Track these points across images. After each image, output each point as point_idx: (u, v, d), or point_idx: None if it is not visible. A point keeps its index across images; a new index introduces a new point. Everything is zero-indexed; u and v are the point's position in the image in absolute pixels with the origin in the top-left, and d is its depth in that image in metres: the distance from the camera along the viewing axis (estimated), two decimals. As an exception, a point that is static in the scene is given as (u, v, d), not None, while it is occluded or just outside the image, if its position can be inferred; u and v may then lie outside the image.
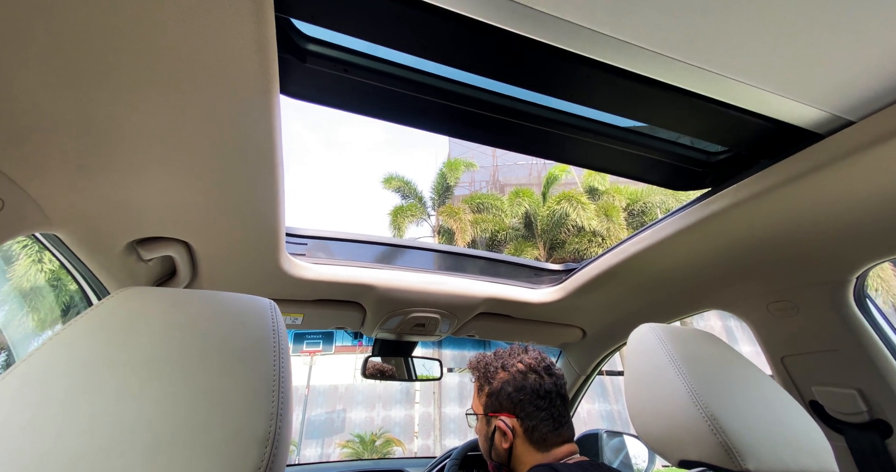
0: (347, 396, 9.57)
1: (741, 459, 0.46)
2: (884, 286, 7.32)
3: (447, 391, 9.46)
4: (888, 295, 7.35)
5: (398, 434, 8.99)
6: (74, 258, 0.67)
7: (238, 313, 0.39)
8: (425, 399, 9.66)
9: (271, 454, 0.30)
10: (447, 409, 9.21)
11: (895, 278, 7.51)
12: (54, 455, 0.26)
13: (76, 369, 0.30)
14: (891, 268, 7.59)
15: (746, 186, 0.63)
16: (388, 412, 9.41)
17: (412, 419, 9.42)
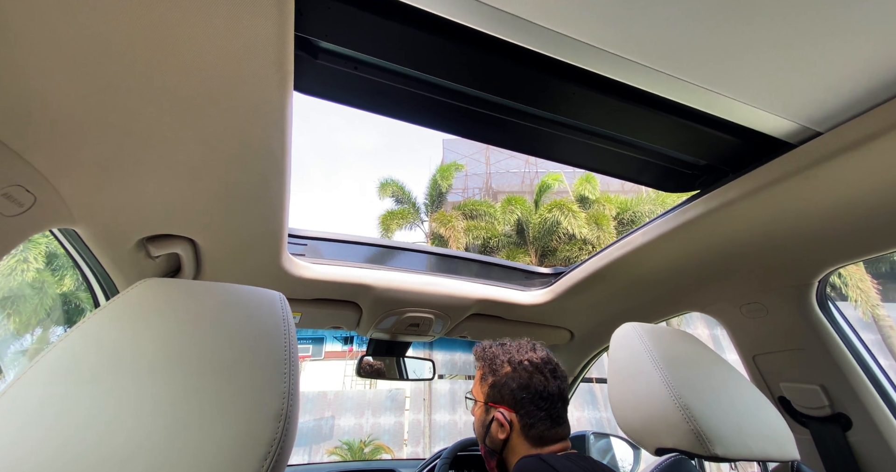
0: (336, 402, 9.43)
1: (710, 445, 0.51)
2: (863, 297, 7.52)
3: (437, 398, 9.39)
4: (867, 305, 7.56)
5: (387, 442, 8.88)
6: (88, 253, 0.70)
7: (251, 304, 0.42)
8: (415, 406, 9.58)
9: (284, 429, 0.33)
10: (437, 416, 9.13)
11: (874, 289, 7.73)
12: (88, 429, 0.29)
13: (106, 351, 0.32)
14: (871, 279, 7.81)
15: (722, 194, 0.68)
16: (377, 420, 9.29)
17: (402, 426, 9.31)
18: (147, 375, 0.32)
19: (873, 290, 7.67)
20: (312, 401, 9.35)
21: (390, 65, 0.54)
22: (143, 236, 0.70)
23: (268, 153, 0.57)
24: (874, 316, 7.77)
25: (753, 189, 0.64)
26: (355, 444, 8.45)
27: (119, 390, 0.31)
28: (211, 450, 0.30)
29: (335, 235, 1.11)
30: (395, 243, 1.21)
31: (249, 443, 0.31)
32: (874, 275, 8.36)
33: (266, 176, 0.62)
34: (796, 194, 0.62)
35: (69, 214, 0.59)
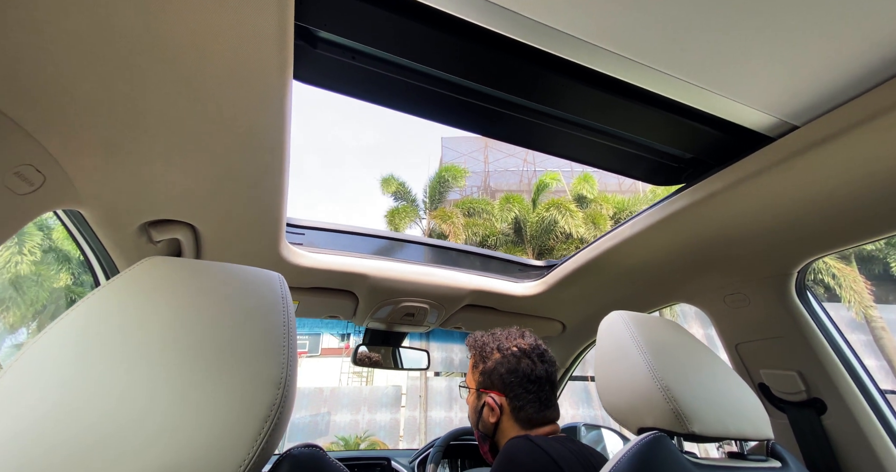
0: (333, 399, 9.45)
1: (688, 423, 0.53)
2: (856, 298, 7.60)
3: (433, 395, 9.43)
4: (860, 306, 7.64)
5: (383, 438, 8.91)
6: (92, 236, 0.72)
7: (251, 282, 0.44)
8: (411, 403, 9.61)
9: (283, 395, 0.35)
10: (433, 413, 9.17)
11: (867, 290, 7.80)
12: (97, 396, 0.30)
13: (111, 323, 0.34)
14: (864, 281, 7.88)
15: (706, 186, 0.70)
16: (373, 416, 9.32)
17: (398, 422, 9.35)
18: (152, 345, 0.34)
19: (867, 291, 7.74)
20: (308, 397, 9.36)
21: (387, 55, 0.55)
22: (146, 220, 0.72)
23: (268, 140, 0.59)
24: (866, 317, 7.85)
25: (735, 181, 0.66)
26: (351, 439, 8.48)
27: (125, 359, 0.32)
28: (214, 413, 0.32)
29: (332, 225, 1.13)
30: (391, 234, 1.23)
31: (251, 407, 0.33)
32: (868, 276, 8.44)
33: (266, 164, 0.63)
34: (775, 187, 0.65)
35: (76, 195, 0.61)
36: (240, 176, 0.66)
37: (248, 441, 0.32)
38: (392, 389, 9.74)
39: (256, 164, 0.63)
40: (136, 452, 0.29)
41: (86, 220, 0.69)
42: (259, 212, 0.76)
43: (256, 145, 0.60)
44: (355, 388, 10.30)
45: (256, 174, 0.66)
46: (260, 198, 0.72)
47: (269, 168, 0.64)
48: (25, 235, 7.26)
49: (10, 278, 6.86)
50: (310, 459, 0.37)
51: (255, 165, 0.64)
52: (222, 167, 0.63)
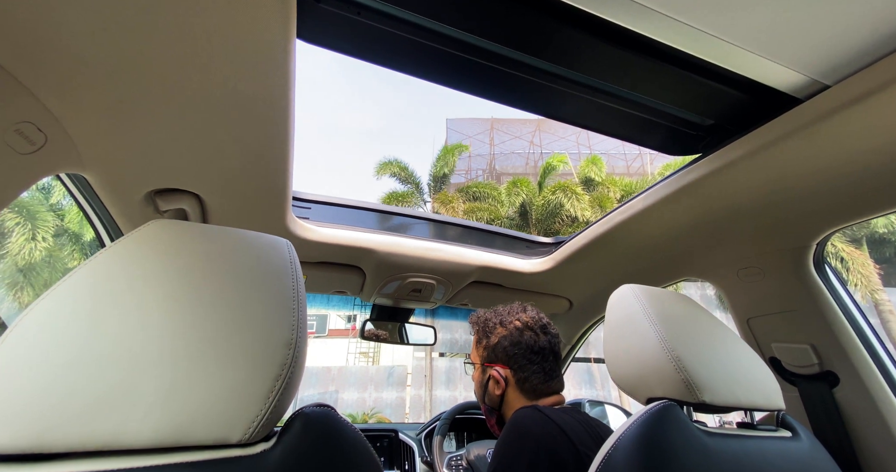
0: (340, 377, 9.70)
1: (699, 392, 0.53)
2: (863, 281, 7.53)
3: (438, 375, 9.64)
4: (867, 290, 7.58)
5: (389, 415, 9.18)
6: (98, 203, 0.72)
7: (259, 246, 0.44)
8: (416, 383, 9.84)
9: (294, 355, 0.35)
10: (437, 392, 9.39)
11: (875, 274, 7.72)
12: (109, 352, 0.30)
13: (119, 283, 0.34)
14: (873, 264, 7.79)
15: (725, 154, 0.67)
16: (379, 394, 9.57)
17: (403, 400, 9.60)
18: (162, 303, 0.34)
19: (875, 275, 7.67)
20: (317, 376, 9.62)
21: (393, 9, 0.53)
22: (152, 188, 0.71)
23: (272, 106, 0.57)
24: (874, 301, 7.80)
25: (757, 147, 0.63)
26: (358, 416, 8.75)
27: (137, 315, 0.32)
28: (227, 370, 0.32)
29: (339, 199, 1.12)
30: (398, 210, 1.22)
31: (262, 366, 0.33)
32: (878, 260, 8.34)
33: (270, 131, 0.62)
34: (800, 152, 0.62)
35: (79, 158, 0.60)
36: (244, 144, 0.64)
37: (261, 398, 0.32)
38: (398, 368, 9.96)
39: (261, 131, 0.62)
40: (150, 403, 0.29)
41: (91, 186, 0.68)
42: (265, 183, 0.75)
43: (260, 110, 0.58)
44: (362, 367, 10.56)
45: (261, 142, 0.64)
46: (265, 167, 0.70)
47: (274, 137, 0.63)
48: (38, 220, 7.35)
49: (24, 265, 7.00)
50: (322, 417, 0.37)
51: (260, 132, 0.62)
52: (225, 133, 0.62)
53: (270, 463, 0.32)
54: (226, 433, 0.31)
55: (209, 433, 0.30)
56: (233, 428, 0.31)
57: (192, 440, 0.30)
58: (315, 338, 11.84)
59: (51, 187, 7.78)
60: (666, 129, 0.74)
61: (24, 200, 7.57)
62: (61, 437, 0.27)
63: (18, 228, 7.11)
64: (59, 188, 8.15)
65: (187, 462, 0.30)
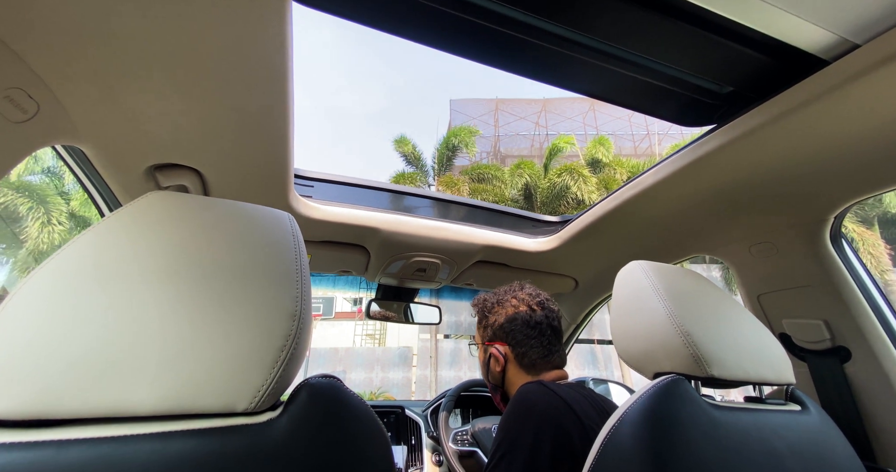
0: (347, 358, 9.92)
1: (708, 366, 0.52)
2: (873, 262, 7.45)
3: (443, 356, 9.83)
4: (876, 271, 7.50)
5: (396, 394, 9.42)
6: (98, 178, 0.71)
7: (260, 218, 0.43)
8: (422, 363, 10.04)
9: (299, 326, 0.35)
10: (443, 372, 9.59)
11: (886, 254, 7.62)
12: (111, 319, 0.30)
13: (117, 254, 0.33)
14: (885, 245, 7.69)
15: (742, 123, 0.64)
16: (386, 374, 9.80)
17: (409, 380, 9.83)
18: (164, 273, 0.33)
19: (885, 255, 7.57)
20: (325, 357, 9.85)
21: None
22: (152, 163, 0.70)
23: (270, 75, 0.55)
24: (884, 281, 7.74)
25: (778, 115, 0.60)
26: (366, 395, 8.99)
27: (139, 284, 0.32)
28: (230, 340, 0.32)
29: (343, 177, 1.10)
30: (403, 189, 1.20)
31: (267, 336, 0.33)
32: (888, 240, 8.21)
33: (269, 103, 0.60)
34: (823, 119, 0.59)
35: (74, 129, 0.59)
36: (242, 115, 0.63)
37: (266, 368, 0.32)
38: (403, 350, 10.16)
39: (259, 102, 0.60)
40: (154, 371, 0.29)
41: (90, 161, 0.67)
42: (266, 159, 0.73)
43: (258, 80, 0.56)
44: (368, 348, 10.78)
45: (260, 114, 0.63)
46: (266, 143, 0.69)
47: (273, 108, 0.61)
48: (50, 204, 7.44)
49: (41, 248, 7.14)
50: (327, 387, 0.37)
51: (258, 104, 0.61)
52: (223, 104, 0.60)
53: (277, 432, 0.32)
54: (231, 402, 0.30)
55: (215, 401, 0.30)
56: (238, 397, 0.31)
57: (198, 408, 0.30)
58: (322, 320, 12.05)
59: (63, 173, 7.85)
60: (681, 98, 0.70)
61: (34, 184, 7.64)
62: (66, 403, 0.27)
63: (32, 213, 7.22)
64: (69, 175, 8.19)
65: (193, 430, 0.30)
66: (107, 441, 0.28)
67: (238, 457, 0.30)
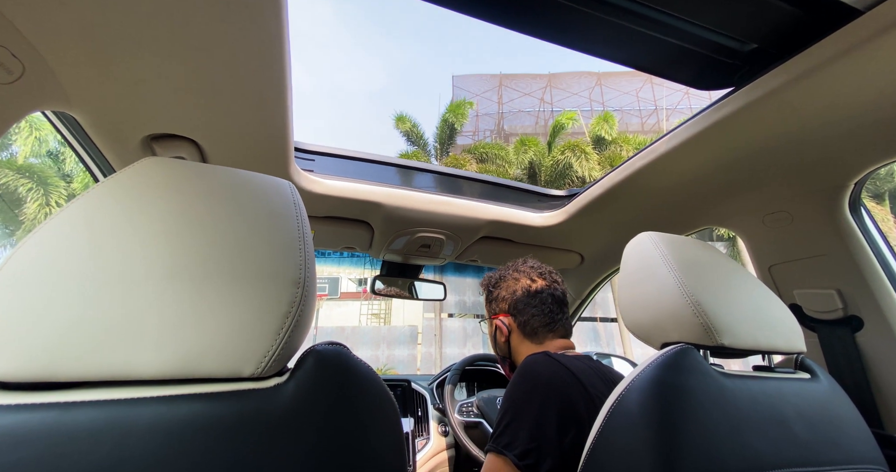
0: (354, 336, 10.13)
1: (718, 335, 0.51)
2: (882, 239, 7.37)
3: (447, 334, 10.01)
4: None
5: (402, 371, 9.67)
6: (94, 148, 0.69)
7: (260, 185, 0.41)
8: (427, 341, 10.25)
9: (303, 294, 0.34)
10: (447, 349, 9.80)
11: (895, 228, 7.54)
12: (110, 285, 0.29)
13: (117, 217, 0.32)
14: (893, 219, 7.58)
15: (764, 83, 0.60)
16: (392, 352, 10.02)
17: (414, 357, 10.07)
18: (162, 238, 0.32)
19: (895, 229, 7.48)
20: (331, 335, 10.07)
21: None
22: (148, 133, 0.68)
23: (264, 40, 0.53)
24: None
25: (803, 72, 0.57)
26: (372, 372, 9.24)
27: (137, 249, 0.31)
28: (234, 306, 0.31)
29: (345, 151, 1.07)
30: (406, 163, 1.17)
31: (271, 303, 0.32)
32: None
33: (264, 70, 0.58)
34: (851, 75, 0.55)
35: (63, 94, 0.57)
36: (237, 82, 0.60)
37: (271, 333, 0.32)
38: (409, 328, 10.35)
39: (254, 68, 0.58)
40: (157, 336, 0.29)
41: (84, 130, 0.65)
42: (264, 130, 0.71)
43: (252, 45, 0.54)
44: (374, 327, 10.99)
45: (256, 81, 0.60)
46: (264, 113, 0.67)
47: (269, 75, 0.59)
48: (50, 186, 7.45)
49: None
50: (334, 354, 0.36)
51: (253, 71, 0.58)
52: (216, 71, 0.58)
53: (284, 396, 0.32)
54: (238, 367, 0.30)
55: (220, 366, 0.30)
56: (244, 362, 0.30)
57: (204, 373, 0.30)
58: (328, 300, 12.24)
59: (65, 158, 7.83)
60: (699, 58, 0.66)
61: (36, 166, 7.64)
62: (69, 366, 0.27)
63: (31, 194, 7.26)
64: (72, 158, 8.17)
65: (200, 393, 0.30)
66: (112, 404, 0.28)
67: (245, 421, 0.29)
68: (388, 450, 0.35)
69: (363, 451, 0.33)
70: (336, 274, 12.37)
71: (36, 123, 7.53)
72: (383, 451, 0.35)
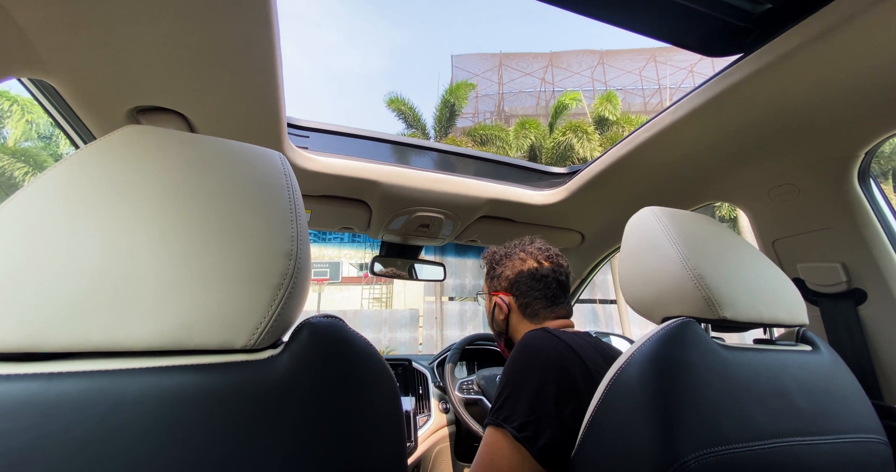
0: (356, 320, 10.25)
1: (720, 308, 0.50)
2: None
3: (448, 317, 10.14)
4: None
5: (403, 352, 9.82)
6: (77, 121, 0.66)
7: (249, 156, 0.39)
8: (428, 324, 10.38)
9: (296, 266, 0.33)
10: (448, 332, 9.95)
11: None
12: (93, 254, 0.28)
13: (99, 184, 0.31)
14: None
15: (777, 46, 0.57)
16: (393, 334, 10.16)
17: (416, 340, 10.22)
18: (146, 208, 0.31)
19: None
20: (333, 319, 10.17)
21: None
22: (133, 105, 0.66)
23: (251, 9, 0.50)
24: None
25: (818, 34, 0.54)
26: (375, 354, 9.40)
27: (120, 218, 0.30)
28: (222, 277, 0.30)
29: (340, 127, 1.05)
30: (403, 140, 1.14)
31: (261, 275, 0.31)
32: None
33: (253, 41, 0.55)
34: (869, 35, 0.52)
35: (38, 59, 0.54)
36: (226, 54, 0.58)
37: (263, 305, 0.31)
38: (410, 311, 10.46)
39: (240, 36, 0.55)
40: (145, 306, 0.28)
41: (66, 102, 0.63)
42: (255, 104, 0.69)
43: (240, 15, 0.51)
44: (376, 311, 11.10)
45: (244, 53, 0.58)
46: (253, 85, 0.64)
47: (259, 47, 0.57)
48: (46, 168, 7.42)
49: None
50: (329, 326, 0.35)
51: (240, 38, 0.55)
52: (205, 41, 0.55)
53: (278, 368, 0.31)
54: (230, 339, 0.30)
55: (211, 337, 0.29)
56: (237, 334, 0.30)
57: (195, 344, 0.29)
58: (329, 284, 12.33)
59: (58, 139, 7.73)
60: (708, 22, 0.63)
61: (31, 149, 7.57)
62: (54, 336, 0.26)
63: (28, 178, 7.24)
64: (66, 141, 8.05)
65: (191, 365, 0.29)
66: (99, 374, 0.27)
67: (238, 393, 0.29)
68: (387, 421, 0.35)
69: (360, 422, 0.33)
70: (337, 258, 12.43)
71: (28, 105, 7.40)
72: (381, 422, 0.34)
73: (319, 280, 11.17)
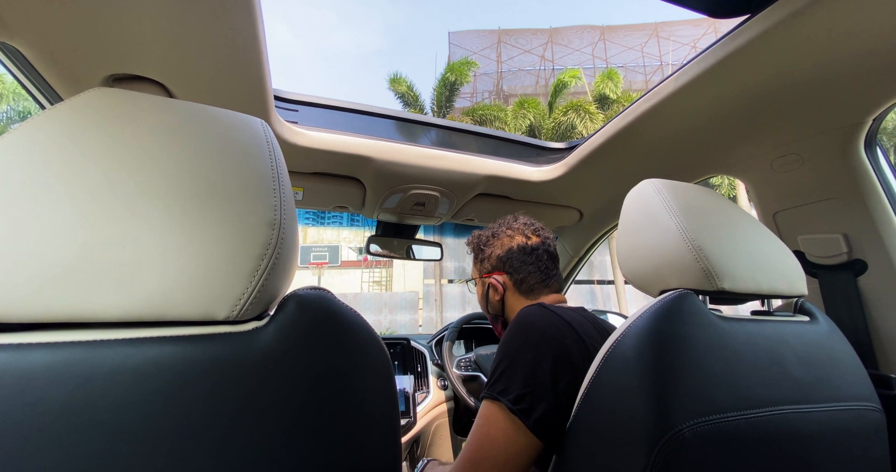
0: (356, 302, 10.37)
1: (718, 280, 0.50)
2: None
3: (447, 299, 10.25)
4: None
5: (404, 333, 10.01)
6: (47, 87, 0.63)
7: (229, 122, 0.37)
8: (428, 306, 10.51)
9: (279, 236, 0.31)
10: (447, 313, 10.08)
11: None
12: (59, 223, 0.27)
13: (64, 150, 0.29)
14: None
15: (783, 6, 0.54)
16: (394, 317, 10.30)
17: (416, 321, 10.37)
18: (116, 173, 0.29)
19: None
20: (334, 302, 10.30)
21: None
22: (107, 73, 0.63)
23: None
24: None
25: None
26: (376, 335, 9.57)
27: (82, 186, 0.28)
28: (200, 246, 0.29)
29: (331, 101, 1.01)
30: (398, 114, 1.11)
31: (242, 244, 0.30)
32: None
33: (235, 7, 0.53)
34: None
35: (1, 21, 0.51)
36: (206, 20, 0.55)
37: (245, 275, 0.29)
38: (410, 294, 10.57)
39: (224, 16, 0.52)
40: (116, 276, 0.27)
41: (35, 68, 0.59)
42: (239, 74, 0.66)
43: None
44: (376, 294, 11.22)
45: (225, 19, 0.55)
46: (235, 53, 0.61)
47: (238, 11, 0.54)
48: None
49: None
50: (317, 298, 0.34)
51: (219, 3, 0.52)
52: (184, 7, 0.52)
53: (263, 340, 0.30)
54: (210, 310, 0.29)
55: (191, 309, 0.28)
56: (218, 305, 0.29)
57: (173, 316, 0.28)
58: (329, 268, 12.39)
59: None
60: None
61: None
62: (21, 306, 0.25)
63: None
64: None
65: (170, 336, 0.28)
66: (71, 345, 0.26)
67: (221, 365, 0.28)
68: (378, 394, 0.34)
69: (350, 395, 0.32)
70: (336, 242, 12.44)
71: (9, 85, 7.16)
72: (372, 395, 0.34)
73: (319, 264, 11.21)
